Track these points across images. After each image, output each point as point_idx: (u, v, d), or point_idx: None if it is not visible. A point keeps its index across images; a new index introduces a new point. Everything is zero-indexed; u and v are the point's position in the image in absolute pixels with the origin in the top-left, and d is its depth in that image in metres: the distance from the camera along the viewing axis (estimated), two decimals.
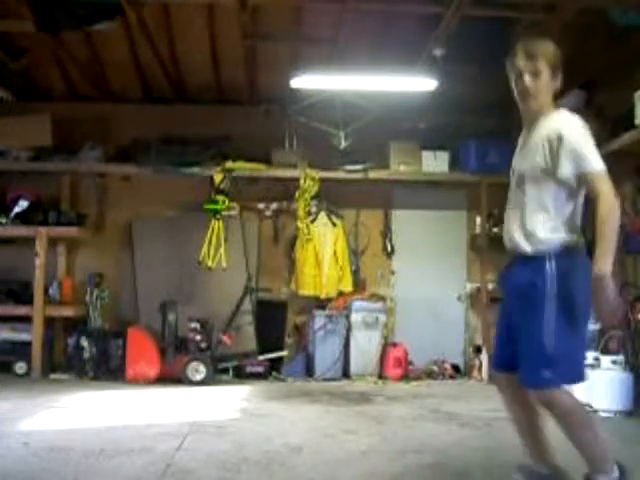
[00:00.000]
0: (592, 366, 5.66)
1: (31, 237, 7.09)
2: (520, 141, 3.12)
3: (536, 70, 2.83)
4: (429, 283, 8.07)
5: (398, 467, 3.76)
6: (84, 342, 7.04)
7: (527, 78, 2.84)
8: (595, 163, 2.72)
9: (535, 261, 2.80)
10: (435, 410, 5.58)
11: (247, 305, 7.44)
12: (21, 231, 7.18)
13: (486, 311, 7.73)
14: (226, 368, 7.22)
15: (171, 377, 6.73)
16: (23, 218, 7.24)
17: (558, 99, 2.98)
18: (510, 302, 2.98)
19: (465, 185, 8.08)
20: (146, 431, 4.36)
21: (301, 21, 6.58)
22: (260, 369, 7.26)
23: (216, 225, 7.52)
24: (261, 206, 7.96)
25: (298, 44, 6.95)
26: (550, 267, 2.76)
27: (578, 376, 2.90)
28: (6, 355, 7.01)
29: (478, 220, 7.98)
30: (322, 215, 7.85)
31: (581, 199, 2.92)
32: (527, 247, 2.84)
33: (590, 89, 7.10)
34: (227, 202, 7.59)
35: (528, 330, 2.78)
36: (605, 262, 2.65)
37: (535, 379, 2.77)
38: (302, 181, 7.68)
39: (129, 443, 3.96)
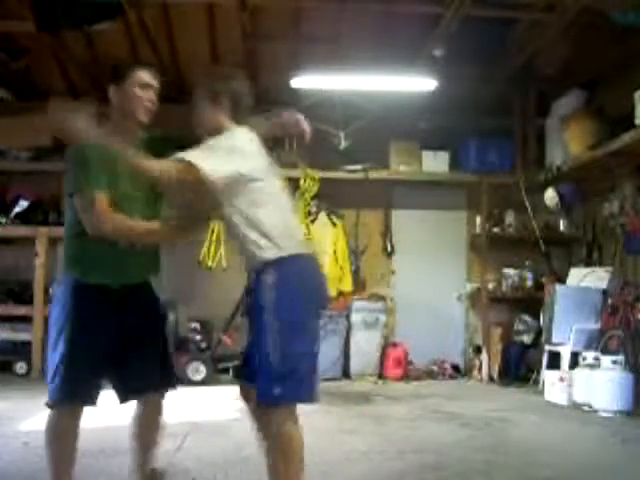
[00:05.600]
0: (592, 366, 5.67)
1: (31, 237, 7.09)
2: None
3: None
4: (429, 283, 8.07)
5: (398, 467, 3.75)
6: None
7: None
8: None
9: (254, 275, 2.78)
10: (435, 410, 5.58)
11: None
12: (21, 231, 7.17)
13: (486, 311, 7.74)
14: (226, 368, 7.21)
15: None
16: (23, 218, 7.24)
17: (558, 99, 2.98)
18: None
19: (465, 185, 8.07)
20: None
21: (301, 21, 6.58)
22: None
23: (216, 225, 7.51)
24: None
25: (298, 44, 6.95)
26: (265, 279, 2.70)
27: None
28: (6, 355, 7.01)
29: (478, 220, 7.97)
30: (322, 215, 7.84)
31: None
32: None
33: (590, 89, 7.11)
34: None
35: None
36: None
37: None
38: (302, 181, 7.68)
39: (129, 443, 3.96)
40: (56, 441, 2.76)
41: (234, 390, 3.24)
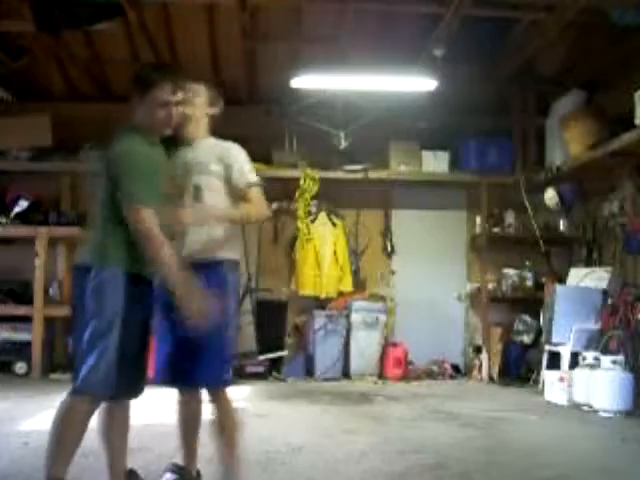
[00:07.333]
0: (592, 366, 5.67)
1: (31, 237, 7.08)
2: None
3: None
4: (429, 283, 8.07)
5: (398, 467, 3.75)
6: None
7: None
8: None
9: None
10: (435, 410, 5.58)
11: (247, 305, 7.44)
12: (21, 231, 7.17)
13: (486, 311, 7.74)
14: None
15: None
16: (23, 218, 7.24)
17: (558, 99, 2.99)
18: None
19: (465, 185, 8.07)
20: (146, 431, 4.35)
21: (301, 21, 6.58)
22: (260, 369, 7.25)
23: None
24: None
25: (298, 44, 6.95)
26: None
27: None
28: (6, 355, 7.01)
29: (478, 220, 7.97)
30: (322, 215, 7.85)
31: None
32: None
33: (590, 89, 7.11)
34: None
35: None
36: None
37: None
38: (302, 181, 7.68)
39: (128, 443, 3.96)
40: (76, 426, 2.79)
41: (234, 390, 3.24)
